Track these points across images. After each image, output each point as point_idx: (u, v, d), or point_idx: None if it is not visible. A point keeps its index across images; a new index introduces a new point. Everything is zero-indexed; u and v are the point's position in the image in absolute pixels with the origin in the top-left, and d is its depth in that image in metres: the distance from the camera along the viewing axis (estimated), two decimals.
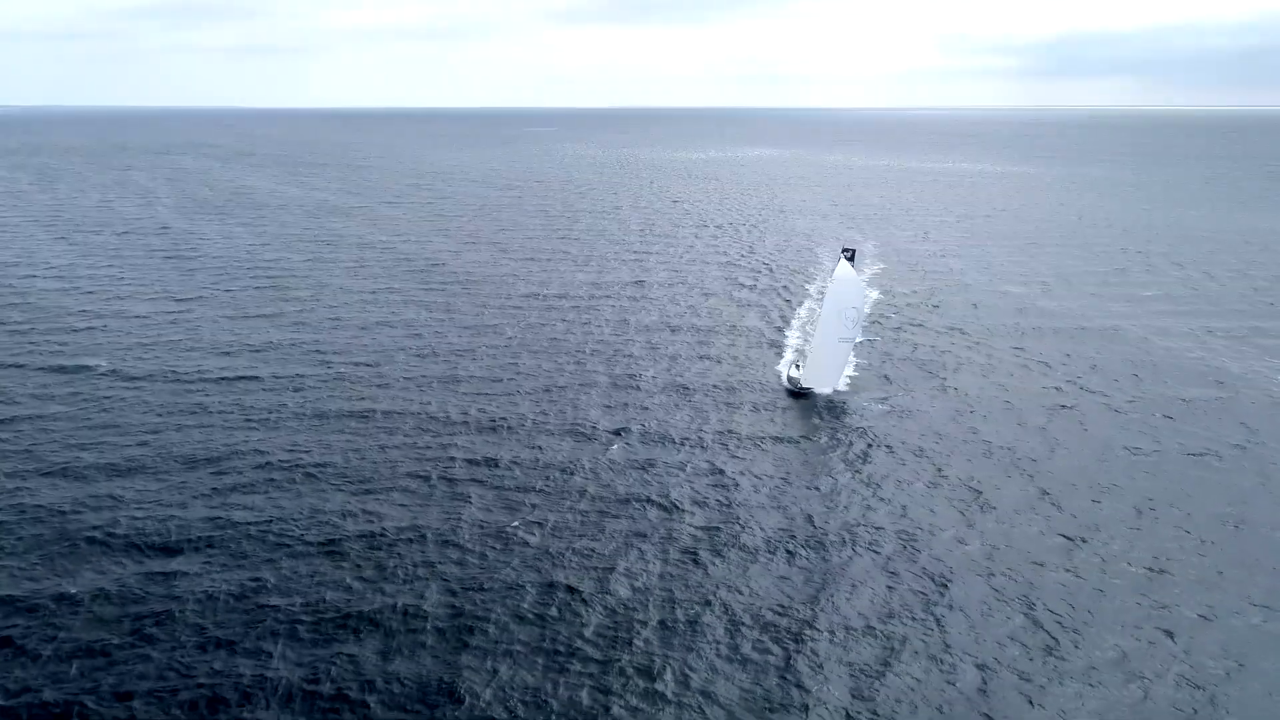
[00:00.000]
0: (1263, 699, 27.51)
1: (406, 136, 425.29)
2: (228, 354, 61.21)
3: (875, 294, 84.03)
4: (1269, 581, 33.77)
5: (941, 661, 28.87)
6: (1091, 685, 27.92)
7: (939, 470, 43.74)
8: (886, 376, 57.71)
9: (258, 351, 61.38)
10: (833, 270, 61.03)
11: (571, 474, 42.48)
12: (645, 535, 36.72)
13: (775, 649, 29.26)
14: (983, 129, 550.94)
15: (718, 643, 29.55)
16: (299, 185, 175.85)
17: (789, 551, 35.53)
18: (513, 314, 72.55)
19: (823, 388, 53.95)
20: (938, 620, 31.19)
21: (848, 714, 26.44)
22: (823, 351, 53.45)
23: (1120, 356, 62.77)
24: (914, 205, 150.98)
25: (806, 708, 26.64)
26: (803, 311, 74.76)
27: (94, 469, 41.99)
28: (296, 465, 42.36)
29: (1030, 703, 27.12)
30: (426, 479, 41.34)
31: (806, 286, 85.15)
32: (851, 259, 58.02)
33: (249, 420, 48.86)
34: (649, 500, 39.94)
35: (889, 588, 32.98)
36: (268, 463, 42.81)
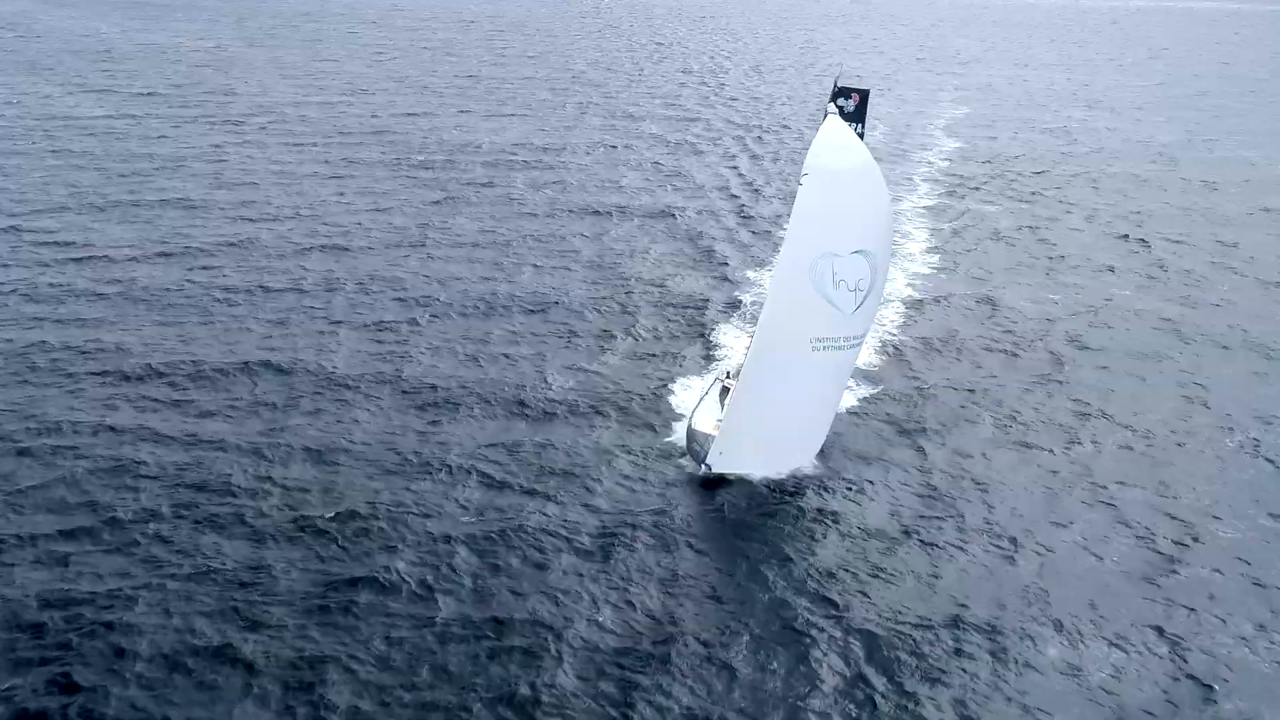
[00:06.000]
0: None
1: None
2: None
3: (955, 144, 67.85)
4: None
5: None
6: None
7: None
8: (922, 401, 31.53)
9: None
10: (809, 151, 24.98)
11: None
12: None
13: None
14: None
15: None
16: (156, 30, 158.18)
17: None
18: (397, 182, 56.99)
19: (765, 467, 26.60)
20: None
21: None
22: (764, 379, 25.60)
23: None
24: (1024, 46, 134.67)
25: None
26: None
27: None
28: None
29: None
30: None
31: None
32: (857, 116, 27.23)
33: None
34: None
35: None
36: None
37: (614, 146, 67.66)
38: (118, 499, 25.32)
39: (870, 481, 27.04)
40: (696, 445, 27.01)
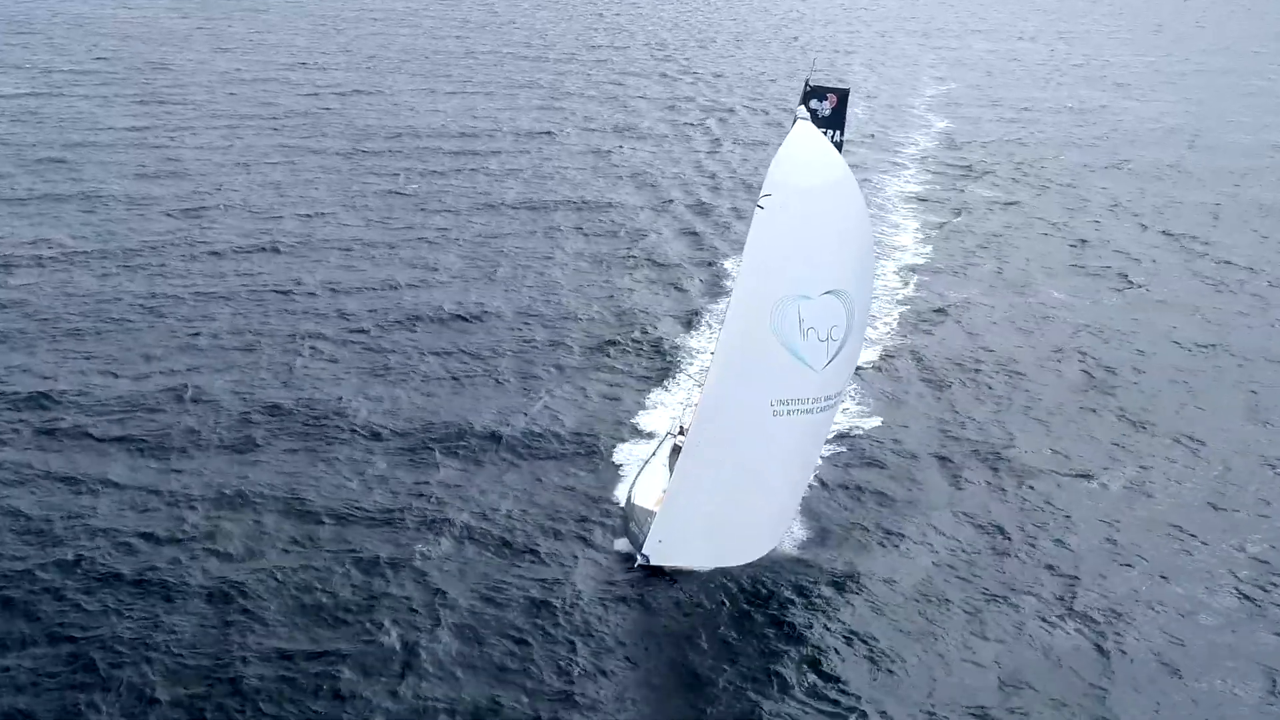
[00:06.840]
0: None
1: None
2: None
3: (953, 125, 66.19)
4: None
5: None
6: None
7: None
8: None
9: None
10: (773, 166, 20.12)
11: None
12: None
13: None
14: None
15: None
16: None
17: None
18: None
19: (715, 560, 22.36)
20: None
21: None
22: (714, 452, 21.14)
23: None
24: (1020, 18, 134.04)
25: None
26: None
27: None
28: None
29: None
30: None
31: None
32: (834, 121, 24.50)
33: None
34: None
35: None
36: None
37: (588, 130, 65.49)
38: (24, 553, 22.67)
39: (891, 525, 24.72)
40: (635, 526, 22.71)
